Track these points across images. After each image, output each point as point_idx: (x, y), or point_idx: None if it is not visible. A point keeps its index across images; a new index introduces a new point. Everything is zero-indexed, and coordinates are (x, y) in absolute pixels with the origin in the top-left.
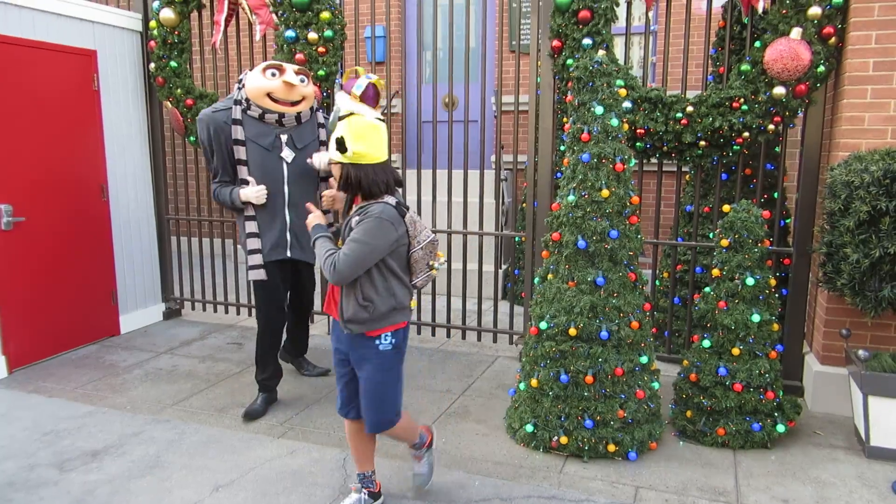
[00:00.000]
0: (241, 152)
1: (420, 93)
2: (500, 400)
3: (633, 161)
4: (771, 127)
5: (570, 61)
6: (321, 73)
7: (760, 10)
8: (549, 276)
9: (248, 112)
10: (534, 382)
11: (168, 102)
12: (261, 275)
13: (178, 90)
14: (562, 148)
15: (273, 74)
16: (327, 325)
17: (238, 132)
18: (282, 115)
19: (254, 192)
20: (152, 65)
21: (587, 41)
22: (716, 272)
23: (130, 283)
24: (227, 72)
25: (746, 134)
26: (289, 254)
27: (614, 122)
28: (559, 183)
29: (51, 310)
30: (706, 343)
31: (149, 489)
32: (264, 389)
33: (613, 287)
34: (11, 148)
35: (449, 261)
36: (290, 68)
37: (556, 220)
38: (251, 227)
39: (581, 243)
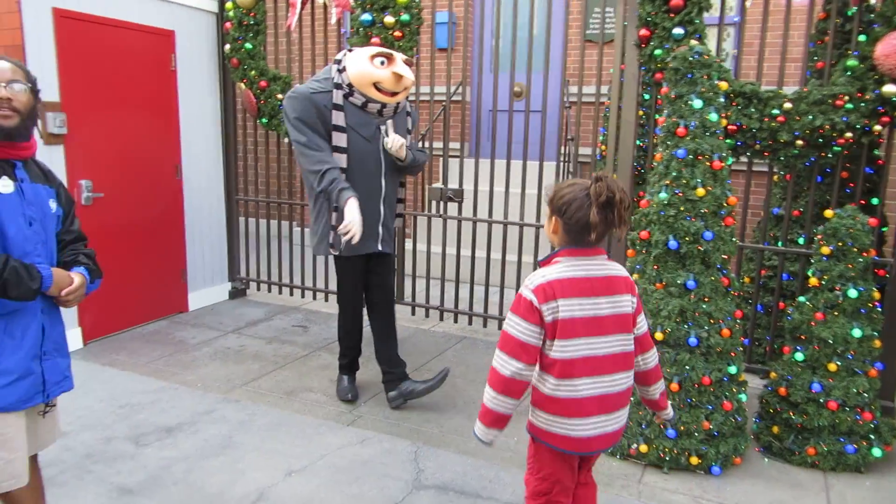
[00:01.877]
0: (341, 139)
1: (481, 82)
2: None
3: (731, 159)
4: (878, 127)
5: (658, 52)
6: None
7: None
8: (634, 277)
9: (351, 98)
10: None
11: (242, 84)
12: (355, 250)
13: (253, 72)
14: (637, 142)
15: (382, 63)
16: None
17: (339, 118)
18: (383, 105)
19: (355, 224)
20: (227, 46)
21: (678, 31)
22: (814, 281)
23: (199, 262)
24: (300, 55)
25: (849, 134)
26: (380, 247)
27: (713, 116)
28: (646, 178)
29: (124, 285)
30: (799, 356)
31: (222, 469)
32: (348, 371)
33: (704, 291)
34: (94, 125)
35: (504, 252)
36: (398, 57)
37: (645, 218)
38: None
39: (672, 244)
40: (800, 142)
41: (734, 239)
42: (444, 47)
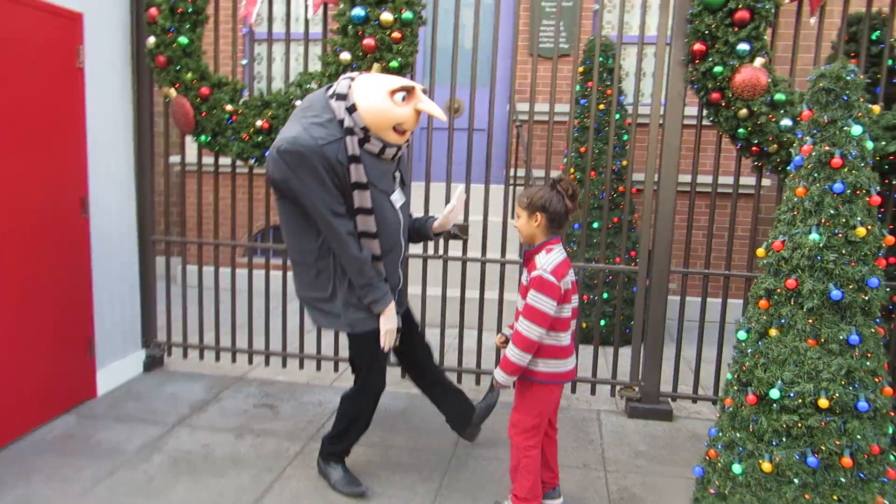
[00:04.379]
0: (364, 198)
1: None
2: (661, 477)
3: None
4: None
5: (718, 69)
6: (394, 63)
7: None
8: (773, 332)
9: (367, 145)
10: (766, 466)
11: (171, 90)
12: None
13: (189, 74)
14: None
15: (403, 98)
16: None
17: (359, 173)
18: (399, 148)
19: (393, 334)
20: (151, 39)
21: (743, 46)
22: None
23: (110, 326)
24: (250, 55)
25: None
26: (399, 322)
27: (870, 144)
28: (779, 216)
29: (15, 370)
30: None
31: None
32: (341, 459)
33: (868, 346)
34: None
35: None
36: (418, 88)
37: (787, 264)
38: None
39: (835, 293)
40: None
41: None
42: None
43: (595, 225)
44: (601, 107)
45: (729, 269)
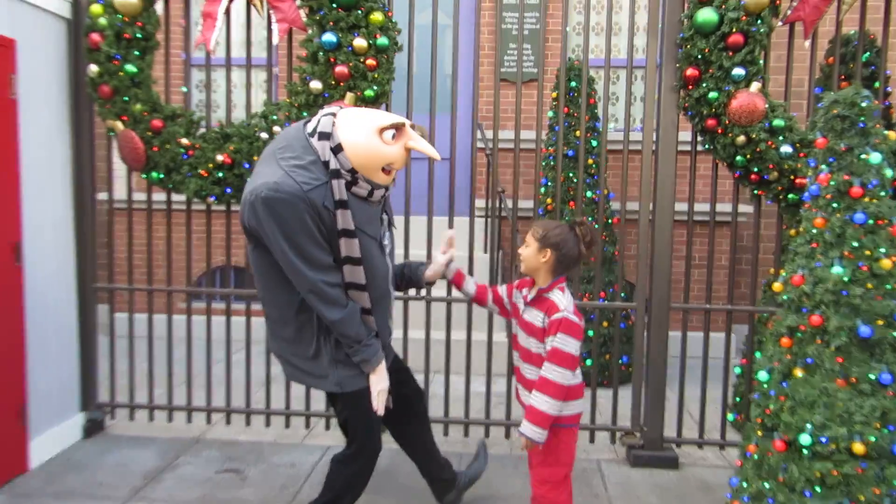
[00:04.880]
0: (352, 247)
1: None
2: None
3: None
4: None
5: (713, 94)
6: (369, 92)
7: None
8: (797, 372)
9: (355, 188)
10: None
11: (117, 122)
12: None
13: (138, 105)
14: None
15: (392, 136)
16: None
17: (347, 220)
18: (386, 189)
19: (382, 394)
20: (93, 67)
21: (738, 71)
22: None
23: (44, 388)
24: (207, 91)
25: None
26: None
27: (889, 172)
28: (796, 248)
29: None
30: None
31: None
32: None
33: None
34: None
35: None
36: (408, 125)
37: (810, 299)
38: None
39: (864, 330)
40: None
41: None
42: None
43: None
44: (577, 133)
45: (732, 304)
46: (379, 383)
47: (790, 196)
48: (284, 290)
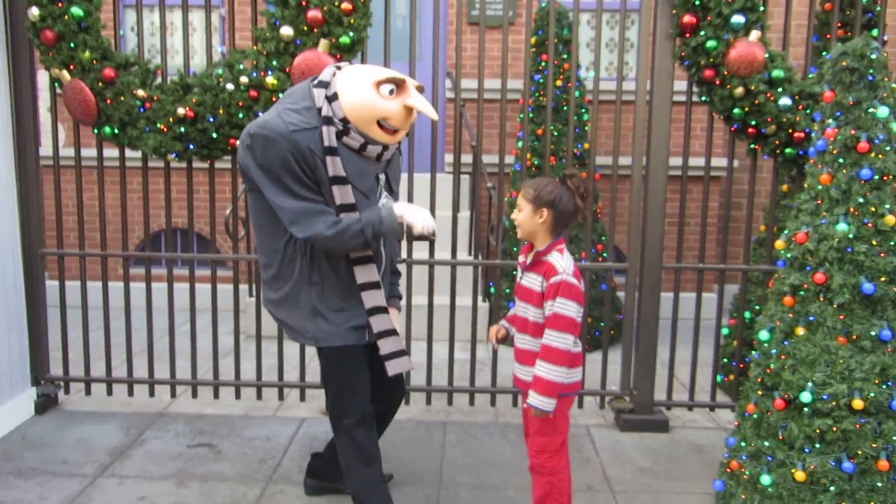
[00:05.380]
0: (346, 194)
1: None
2: (674, 495)
3: None
4: None
5: (711, 43)
6: (345, 39)
7: None
8: (799, 330)
9: (345, 139)
10: (799, 475)
11: (65, 72)
12: (405, 364)
13: (87, 53)
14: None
15: (391, 92)
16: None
17: (336, 166)
18: (385, 147)
19: (423, 217)
20: (34, 10)
21: (738, 19)
22: None
23: None
24: (162, 35)
25: None
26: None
27: None
28: (800, 206)
29: None
30: None
31: None
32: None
33: None
34: None
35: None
36: (411, 84)
37: (814, 257)
38: (369, 274)
39: (867, 287)
40: None
41: None
42: None
43: None
44: (558, 83)
45: (725, 263)
46: (408, 207)
47: (787, 150)
48: (272, 235)
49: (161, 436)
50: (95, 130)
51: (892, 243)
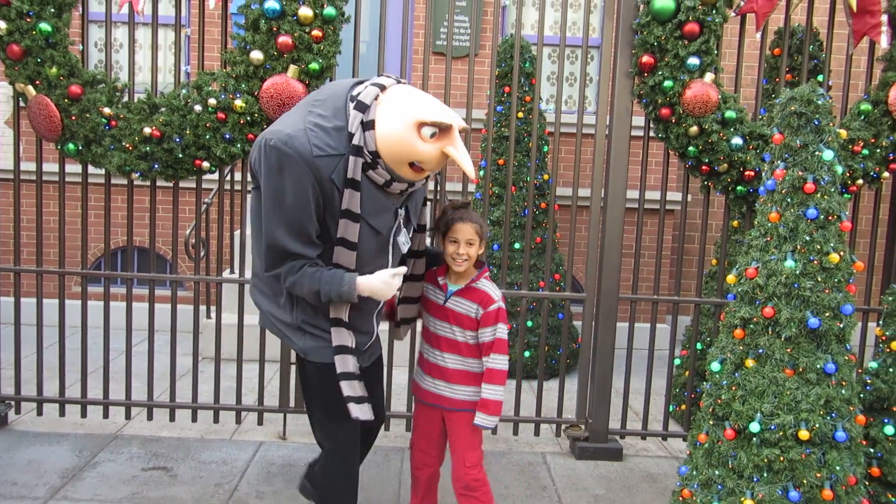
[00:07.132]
0: (351, 231)
1: None
2: None
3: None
4: (886, 175)
5: (668, 83)
6: (314, 66)
7: (885, 45)
8: (749, 362)
9: (372, 173)
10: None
11: (29, 87)
12: (364, 411)
13: (54, 69)
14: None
15: (433, 135)
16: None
17: (354, 202)
18: (410, 185)
19: (388, 277)
20: (1, 24)
21: (693, 61)
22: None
23: None
24: (130, 54)
25: (861, 181)
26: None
27: (839, 169)
28: (750, 242)
29: None
30: (889, 430)
31: None
32: None
33: (843, 374)
34: None
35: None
36: (456, 128)
37: (763, 291)
38: (339, 312)
39: (813, 321)
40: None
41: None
42: None
43: (516, 245)
44: (520, 114)
45: (678, 295)
46: (373, 285)
47: (738, 188)
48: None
49: (115, 458)
50: (59, 147)
51: (836, 280)
